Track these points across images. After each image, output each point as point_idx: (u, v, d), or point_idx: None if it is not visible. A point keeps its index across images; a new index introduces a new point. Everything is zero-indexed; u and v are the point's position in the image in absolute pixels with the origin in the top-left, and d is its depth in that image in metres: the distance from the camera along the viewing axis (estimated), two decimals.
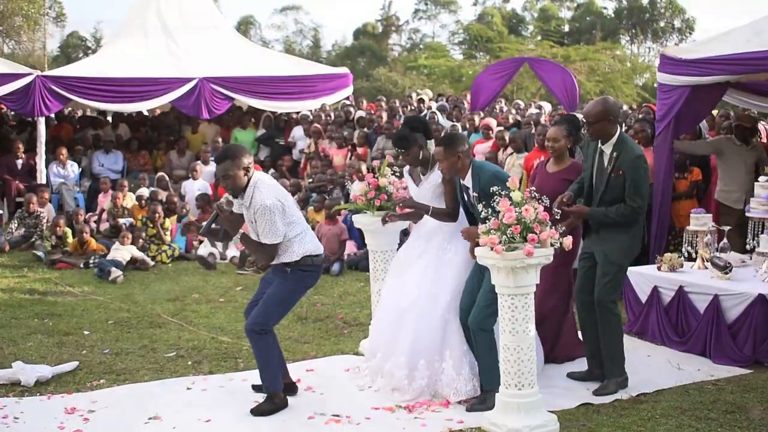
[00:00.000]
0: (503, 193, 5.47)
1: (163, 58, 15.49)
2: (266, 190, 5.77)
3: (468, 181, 5.97)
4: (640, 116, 10.65)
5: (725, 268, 7.30)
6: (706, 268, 7.55)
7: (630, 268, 7.97)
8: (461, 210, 6.24)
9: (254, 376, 6.65)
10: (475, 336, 5.90)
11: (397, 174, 7.17)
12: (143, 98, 15.05)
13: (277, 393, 5.95)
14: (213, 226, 6.04)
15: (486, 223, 5.44)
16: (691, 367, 6.83)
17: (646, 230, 6.46)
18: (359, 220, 7.22)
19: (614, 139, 6.13)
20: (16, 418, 5.86)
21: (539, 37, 41.14)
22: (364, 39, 54.23)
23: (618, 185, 6.06)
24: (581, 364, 6.67)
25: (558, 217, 5.75)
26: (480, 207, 5.64)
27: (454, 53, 47.97)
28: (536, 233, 5.33)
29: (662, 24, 47.54)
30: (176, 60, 15.51)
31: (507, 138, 11.50)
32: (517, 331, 5.46)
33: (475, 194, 5.85)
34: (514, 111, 14.89)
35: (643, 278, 7.83)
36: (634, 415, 5.73)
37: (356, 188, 7.25)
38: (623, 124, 9.85)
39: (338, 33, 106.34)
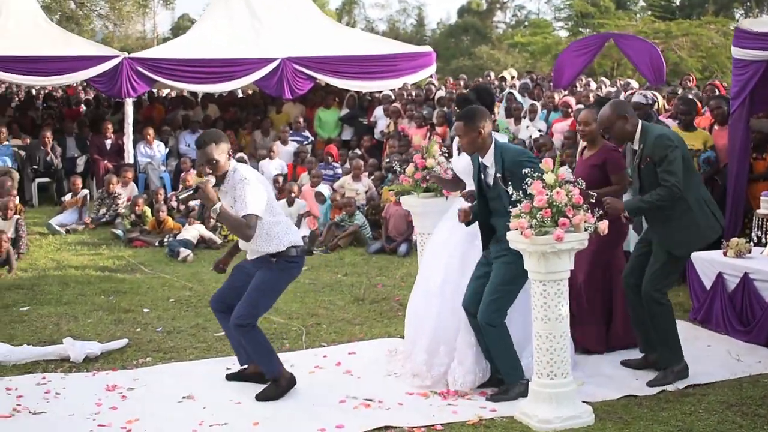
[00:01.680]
0: (536, 175, 5.26)
1: (247, 39, 15.65)
2: (246, 169, 5.75)
3: (488, 159, 5.66)
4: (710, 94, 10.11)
5: None
6: None
7: (695, 254, 7.62)
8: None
9: (294, 358, 6.68)
10: (483, 331, 5.67)
11: (446, 155, 6.98)
12: (226, 79, 15.25)
13: (281, 376, 5.87)
14: (191, 198, 6.03)
15: (517, 205, 5.25)
16: (752, 358, 6.46)
17: (717, 217, 5.97)
18: (406, 202, 7.09)
19: (638, 134, 5.82)
20: (58, 393, 5.99)
21: (649, 12, 39.87)
22: (468, 17, 53.67)
23: (650, 173, 5.73)
24: (635, 353, 6.39)
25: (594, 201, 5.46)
26: (509, 189, 5.41)
27: (559, 30, 47.05)
28: (568, 217, 5.10)
29: None
30: (259, 40, 15.65)
31: None
32: (549, 318, 5.25)
33: (499, 175, 5.57)
34: (596, 88, 14.41)
35: (707, 264, 7.45)
36: (677, 409, 5.45)
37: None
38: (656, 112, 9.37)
39: (442, 11, 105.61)
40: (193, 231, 11.20)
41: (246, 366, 6.14)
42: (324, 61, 15.52)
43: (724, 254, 7.35)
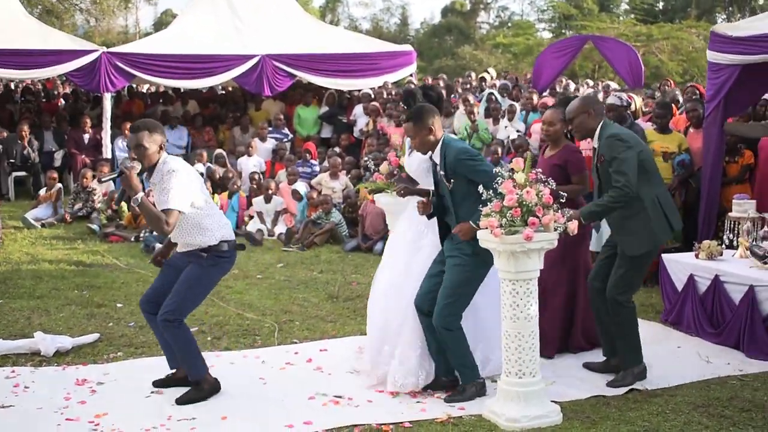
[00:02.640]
0: (507, 174, 5.29)
1: (228, 35, 15.63)
2: (175, 161, 5.55)
3: (436, 156, 5.65)
4: (691, 96, 10.17)
5: (764, 258, 6.94)
6: (748, 257, 7.20)
7: (667, 256, 7.74)
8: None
9: (265, 354, 6.69)
10: (440, 335, 5.62)
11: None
12: (206, 75, 15.22)
13: (204, 378, 5.74)
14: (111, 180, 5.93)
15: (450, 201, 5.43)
16: (721, 360, 6.51)
17: (670, 220, 5.99)
18: (380, 200, 7.10)
19: (597, 132, 5.85)
20: (27, 387, 5.97)
21: (632, 15, 40.08)
22: (451, 17, 53.71)
23: (606, 172, 5.76)
24: (598, 355, 6.43)
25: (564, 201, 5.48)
26: (448, 184, 5.46)
27: (542, 31, 47.18)
28: (538, 217, 5.13)
29: (761, 1, 45.71)
30: (240, 37, 15.62)
31: None
32: (518, 317, 5.28)
33: (442, 173, 5.57)
34: (574, 90, 14.48)
35: (679, 266, 7.50)
36: (644, 410, 5.48)
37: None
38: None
39: (426, 11, 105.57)
40: None
41: (175, 370, 5.97)
42: (304, 58, 15.51)
43: (696, 256, 7.40)
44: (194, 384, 5.74)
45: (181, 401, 5.64)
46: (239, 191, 12.66)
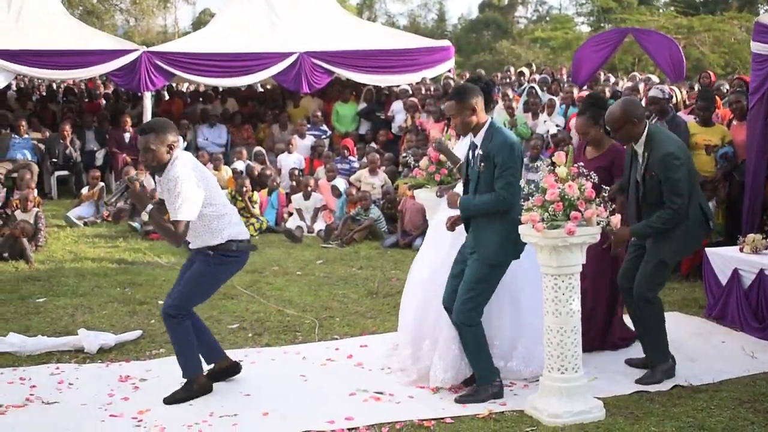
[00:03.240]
0: (548, 168, 5.24)
1: (266, 33, 15.68)
2: (183, 163, 5.44)
3: (479, 138, 5.51)
4: (735, 89, 10.00)
5: None
6: None
7: (710, 250, 7.65)
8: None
9: (306, 350, 6.71)
10: (459, 330, 5.57)
11: None
12: (245, 73, 15.28)
13: (195, 378, 5.70)
14: (121, 199, 5.88)
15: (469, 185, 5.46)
16: (766, 355, 6.41)
17: (706, 224, 5.93)
18: (420, 195, 7.08)
19: (643, 137, 5.75)
20: (71, 384, 6.03)
21: (672, 8, 39.62)
22: (489, 12, 53.50)
23: (654, 186, 5.69)
24: (636, 350, 6.35)
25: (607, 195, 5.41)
26: (479, 168, 5.41)
27: (580, 25, 46.82)
28: (580, 211, 5.08)
29: None
30: (278, 34, 15.67)
31: None
32: (560, 312, 5.23)
33: (480, 152, 5.44)
34: (613, 83, 14.33)
35: (723, 260, 7.40)
36: (689, 405, 5.41)
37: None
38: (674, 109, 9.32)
39: (464, 6, 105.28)
40: None
41: (213, 365, 5.97)
42: (342, 55, 15.53)
43: (741, 250, 7.29)
44: (186, 383, 5.70)
45: (168, 401, 5.61)
46: (278, 188, 12.70)
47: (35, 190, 11.82)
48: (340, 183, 12.33)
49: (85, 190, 13.27)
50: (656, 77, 14.97)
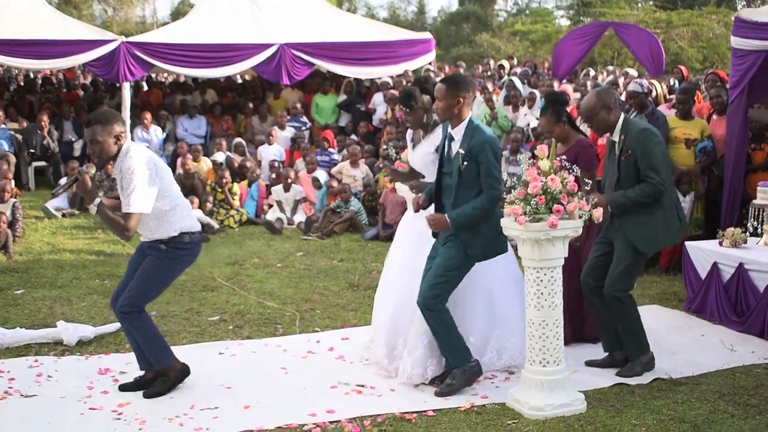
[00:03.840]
0: (530, 161, 5.25)
1: (246, 24, 15.53)
2: (137, 155, 5.33)
3: (458, 132, 5.56)
4: (713, 84, 10.03)
5: None
6: None
7: (690, 243, 7.68)
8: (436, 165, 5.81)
9: (287, 343, 6.69)
10: (424, 317, 5.54)
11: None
12: (225, 64, 15.10)
13: (170, 367, 5.62)
14: (69, 190, 5.81)
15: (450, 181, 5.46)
16: (746, 348, 6.45)
17: (681, 220, 5.94)
18: (401, 189, 7.04)
19: (619, 125, 5.76)
20: (50, 376, 5.98)
21: (651, 2, 39.76)
22: (469, 4, 53.51)
23: (630, 166, 5.66)
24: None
25: (588, 188, 5.42)
26: (461, 164, 5.42)
27: (560, 18, 46.89)
28: (563, 204, 5.08)
29: None
30: (258, 25, 15.53)
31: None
32: (542, 305, 5.24)
33: (461, 151, 5.46)
34: (593, 77, 14.36)
35: (703, 254, 7.44)
36: (669, 398, 5.44)
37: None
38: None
39: None
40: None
41: (144, 372, 5.79)
42: (322, 47, 15.43)
43: (720, 244, 7.34)
44: (161, 375, 5.63)
45: (147, 395, 5.55)
46: (258, 180, 12.64)
47: (12, 181, 11.70)
48: (321, 175, 12.29)
49: (62, 181, 13.15)
50: (635, 71, 15.02)
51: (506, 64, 17.10)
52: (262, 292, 8.26)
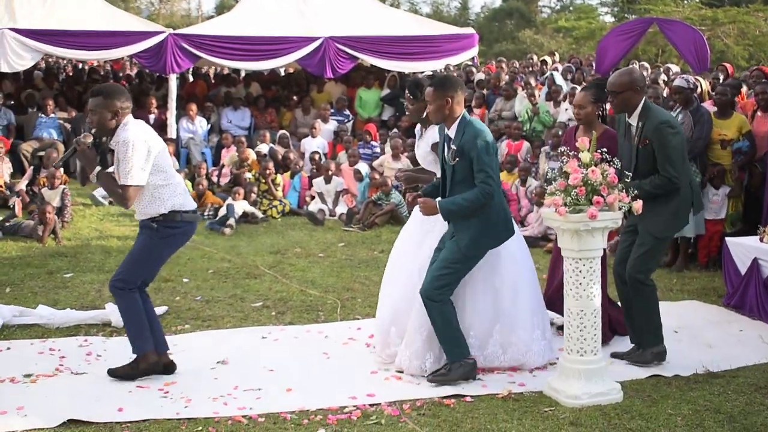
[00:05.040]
0: (572, 154, 5.32)
1: (291, 17, 15.71)
2: (133, 129, 5.42)
3: (452, 131, 5.60)
4: (759, 80, 9.98)
5: None
6: None
7: (730, 239, 7.70)
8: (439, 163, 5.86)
9: (329, 329, 6.82)
10: (425, 307, 5.59)
11: None
12: (269, 57, 15.34)
13: (144, 356, 5.61)
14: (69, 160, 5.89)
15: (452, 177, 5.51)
16: None
17: (696, 205, 5.99)
18: None
19: (639, 110, 5.79)
20: (99, 355, 6.17)
21: None
22: (512, 1, 53.34)
23: (648, 156, 5.71)
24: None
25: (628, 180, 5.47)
26: (452, 162, 5.49)
27: (604, 15, 46.58)
28: (603, 196, 5.15)
29: None
30: (303, 19, 15.71)
31: None
32: (581, 295, 5.31)
33: (454, 147, 5.51)
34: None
35: (743, 249, 7.45)
36: (705, 390, 5.48)
37: None
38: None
39: None
40: (236, 206, 11.35)
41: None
42: (366, 41, 15.57)
43: (761, 240, 7.34)
44: (135, 360, 5.64)
45: (112, 373, 5.62)
46: (301, 171, 12.81)
47: (62, 169, 11.97)
48: (363, 167, 12.42)
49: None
50: (677, 67, 14.94)
51: (549, 59, 17.10)
52: (304, 280, 8.40)
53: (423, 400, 5.33)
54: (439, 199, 5.60)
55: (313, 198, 12.27)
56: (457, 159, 5.48)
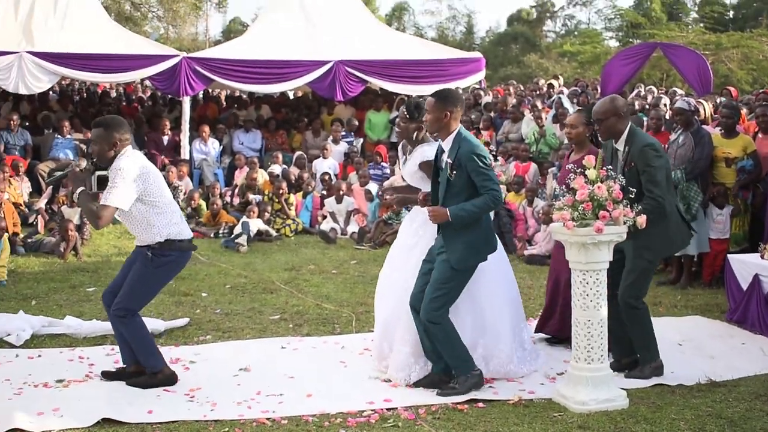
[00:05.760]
0: (578, 171, 5.62)
1: (301, 42, 16.07)
2: (130, 158, 5.73)
3: (447, 144, 5.82)
4: (761, 102, 10.30)
5: None
6: None
7: (732, 256, 7.97)
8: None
9: (345, 340, 7.09)
10: (428, 330, 5.78)
11: (494, 153, 7.31)
12: (281, 80, 15.68)
13: (160, 370, 5.92)
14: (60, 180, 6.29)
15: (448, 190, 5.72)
16: None
17: (684, 223, 6.28)
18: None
19: (625, 135, 6.09)
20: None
21: (701, 24, 39.84)
22: (518, 25, 53.92)
23: (633, 177, 5.93)
24: None
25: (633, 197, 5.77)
26: (449, 175, 5.71)
27: (608, 39, 47.10)
28: (608, 211, 5.45)
29: None
30: (313, 43, 16.06)
31: None
32: (587, 306, 5.59)
33: (449, 161, 5.74)
34: (642, 96, 14.65)
35: (745, 266, 7.72)
36: (708, 397, 5.75)
37: None
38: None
39: (492, 19, 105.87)
40: (251, 224, 11.66)
41: (126, 365, 6.10)
42: (375, 64, 15.91)
43: (762, 257, 7.62)
44: (150, 374, 5.93)
45: (131, 383, 5.90)
46: (313, 191, 13.15)
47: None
48: (373, 188, 12.75)
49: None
50: (682, 91, 15.26)
51: (555, 82, 17.45)
52: (319, 295, 8.69)
53: (437, 405, 5.61)
54: (447, 208, 5.72)
55: (325, 217, 12.59)
56: (455, 172, 5.72)
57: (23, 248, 10.51)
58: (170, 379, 5.96)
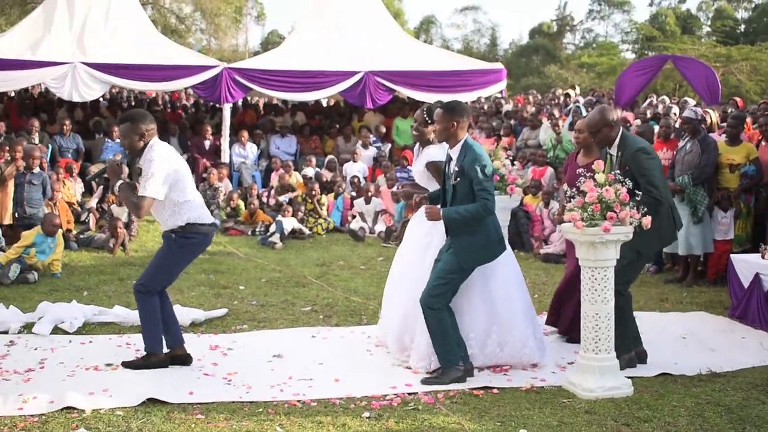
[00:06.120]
0: (588, 174, 5.70)
1: (334, 53, 16.24)
2: (159, 149, 5.87)
3: (454, 152, 5.91)
4: (765, 111, 10.29)
5: None
6: None
7: (735, 256, 8.00)
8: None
9: (371, 330, 7.20)
10: (424, 314, 5.87)
11: (511, 158, 7.39)
12: (314, 89, 15.88)
13: (154, 353, 6.03)
14: (101, 176, 6.46)
15: (452, 196, 5.81)
16: None
17: (676, 223, 6.30)
18: None
19: (617, 141, 6.16)
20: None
21: (713, 37, 39.58)
22: (539, 38, 53.87)
23: (632, 180, 5.87)
24: None
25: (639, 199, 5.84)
26: (453, 181, 5.79)
27: (625, 52, 46.91)
28: (616, 212, 5.52)
29: None
30: (345, 54, 16.22)
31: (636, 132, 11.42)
32: (595, 300, 5.67)
33: (456, 168, 5.83)
34: (655, 105, 14.64)
35: (746, 265, 7.76)
36: (707, 387, 5.81)
37: None
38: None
39: (515, 32, 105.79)
40: (286, 223, 11.83)
41: (169, 350, 6.20)
42: (403, 74, 16.05)
43: (763, 257, 7.64)
44: (146, 354, 6.09)
45: (126, 365, 6.07)
46: (344, 193, 13.30)
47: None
48: None
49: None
50: (693, 101, 15.23)
51: (572, 92, 17.47)
52: (348, 289, 8.82)
53: (455, 390, 5.71)
54: (441, 208, 5.88)
55: (354, 217, 12.74)
56: (459, 179, 5.82)
57: (76, 244, 10.77)
58: (163, 363, 6.07)
